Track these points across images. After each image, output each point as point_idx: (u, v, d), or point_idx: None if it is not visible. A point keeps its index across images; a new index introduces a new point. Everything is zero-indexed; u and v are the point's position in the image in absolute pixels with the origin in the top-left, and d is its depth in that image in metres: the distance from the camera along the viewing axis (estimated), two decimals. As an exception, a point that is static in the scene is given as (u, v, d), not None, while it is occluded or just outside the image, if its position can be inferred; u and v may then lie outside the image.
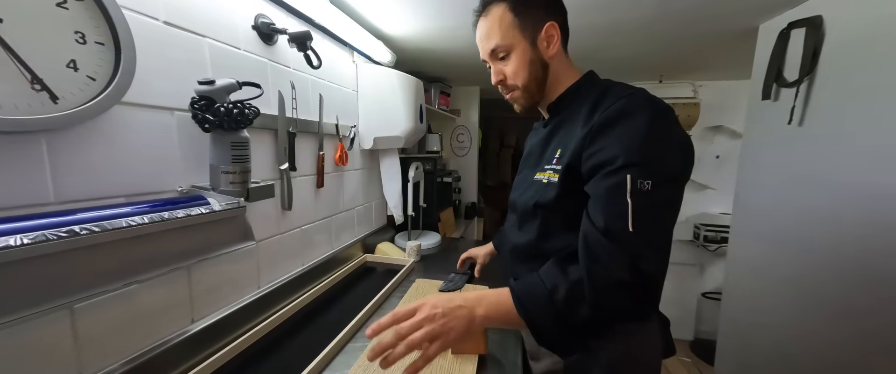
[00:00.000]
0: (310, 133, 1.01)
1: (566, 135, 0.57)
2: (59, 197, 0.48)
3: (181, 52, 0.64)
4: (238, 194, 0.66)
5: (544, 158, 0.60)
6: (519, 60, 0.59)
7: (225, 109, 0.61)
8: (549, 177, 0.57)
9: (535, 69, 0.59)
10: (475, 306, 0.50)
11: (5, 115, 0.40)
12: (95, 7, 0.48)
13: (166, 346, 0.62)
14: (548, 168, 0.57)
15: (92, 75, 0.48)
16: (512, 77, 0.60)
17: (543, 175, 0.58)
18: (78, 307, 0.50)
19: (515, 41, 0.58)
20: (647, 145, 0.46)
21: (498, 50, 0.59)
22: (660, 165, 0.46)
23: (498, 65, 0.61)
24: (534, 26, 0.57)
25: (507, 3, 0.57)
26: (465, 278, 1.08)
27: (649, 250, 0.45)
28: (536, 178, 0.60)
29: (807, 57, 0.99)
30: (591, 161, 0.49)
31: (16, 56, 0.41)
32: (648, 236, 0.45)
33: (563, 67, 0.61)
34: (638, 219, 0.44)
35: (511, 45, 0.58)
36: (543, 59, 0.59)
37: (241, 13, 0.77)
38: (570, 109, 0.59)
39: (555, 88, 0.62)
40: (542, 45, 0.58)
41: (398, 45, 1.43)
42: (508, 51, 0.59)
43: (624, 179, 0.45)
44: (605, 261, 0.46)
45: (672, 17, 1.16)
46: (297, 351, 0.74)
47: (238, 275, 0.80)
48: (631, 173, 0.45)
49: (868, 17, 0.86)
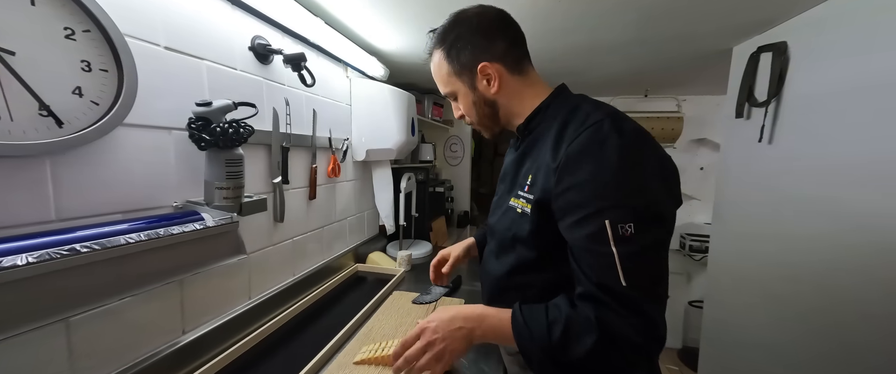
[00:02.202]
0: (303, 147, 1.04)
1: (536, 159, 0.55)
2: (60, 215, 0.50)
3: (180, 75, 0.67)
4: (231, 209, 0.69)
5: (517, 182, 0.59)
6: (464, 103, 0.62)
7: (221, 128, 0.65)
8: (522, 206, 0.55)
9: (481, 108, 0.60)
10: (474, 327, 0.52)
11: (14, 140, 0.43)
12: (101, 37, 0.51)
13: (157, 357, 0.64)
14: (521, 195, 0.56)
15: (95, 100, 0.51)
16: (466, 115, 0.64)
17: (517, 202, 0.57)
18: (73, 321, 0.52)
19: (456, 86, 0.61)
20: (622, 182, 0.43)
21: (448, 95, 0.64)
22: (639, 203, 0.42)
23: (455, 104, 0.65)
24: (470, 70, 0.58)
25: (442, 50, 0.59)
26: (443, 291, 1.11)
27: (647, 299, 0.43)
28: (511, 204, 0.59)
29: (774, 79, 1.06)
30: (561, 201, 0.47)
31: (26, 86, 0.44)
32: (642, 283, 0.42)
33: (520, 93, 0.59)
34: (628, 271, 0.41)
35: (454, 90, 0.62)
36: (486, 97, 0.59)
37: (239, 36, 0.81)
38: (541, 127, 0.58)
39: (519, 111, 0.60)
40: (481, 85, 0.58)
41: (391, 59, 1.48)
42: (455, 95, 0.62)
43: (603, 226, 0.42)
44: (612, 314, 0.43)
45: (650, 38, 1.23)
46: (286, 361, 0.76)
47: (229, 287, 0.82)
48: (609, 218, 0.41)
49: (828, 43, 0.92)
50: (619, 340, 0.43)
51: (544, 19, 1.07)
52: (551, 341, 0.45)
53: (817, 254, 0.94)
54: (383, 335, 0.86)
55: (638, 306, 0.42)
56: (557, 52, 1.37)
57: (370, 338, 0.84)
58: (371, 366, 0.73)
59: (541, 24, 1.11)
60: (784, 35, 1.06)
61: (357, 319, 0.90)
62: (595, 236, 0.43)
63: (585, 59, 1.47)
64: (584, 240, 0.44)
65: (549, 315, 0.47)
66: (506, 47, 0.57)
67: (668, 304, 0.47)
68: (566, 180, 0.46)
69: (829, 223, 0.91)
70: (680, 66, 1.58)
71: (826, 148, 0.92)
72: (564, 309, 0.47)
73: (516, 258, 0.58)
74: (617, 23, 1.09)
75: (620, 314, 0.43)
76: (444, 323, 0.52)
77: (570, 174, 0.46)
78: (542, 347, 0.46)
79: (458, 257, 0.85)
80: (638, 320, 0.42)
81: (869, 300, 0.81)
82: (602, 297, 0.44)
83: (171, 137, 0.66)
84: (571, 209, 0.46)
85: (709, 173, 2.26)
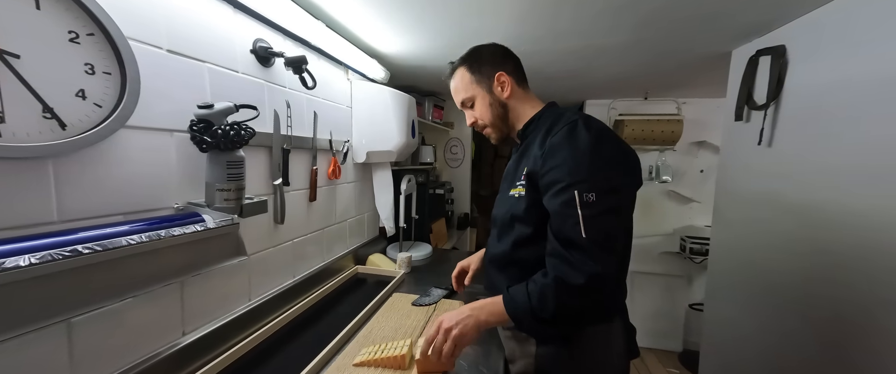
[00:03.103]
0: (304, 149, 1.05)
1: (529, 157, 0.69)
2: (62, 216, 0.51)
3: (182, 77, 0.68)
4: (232, 211, 0.69)
5: (516, 177, 0.73)
6: (482, 105, 0.77)
7: (222, 130, 0.65)
8: (519, 192, 0.70)
9: (496, 109, 0.76)
10: (479, 313, 0.65)
11: (18, 142, 0.44)
12: (105, 41, 0.52)
13: (157, 359, 0.64)
14: (518, 184, 0.70)
15: (98, 103, 0.52)
16: (480, 118, 0.78)
17: (515, 190, 0.71)
18: (74, 321, 0.52)
19: (476, 92, 0.76)
20: (588, 164, 0.59)
21: (466, 101, 0.79)
22: (600, 179, 0.58)
23: (469, 112, 0.80)
24: (488, 78, 0.75)
25: (465, 66, 0.77)
26: (442, 293, 1.11)
27: (601, 252, 0.56)
28: (510, 193, 0.73)
29: (773, 83, 1.06)
30: (545, 179, 0.62)
31: (30, 88, 0.45)
32: (598, 239, 0.56)
33: (523, 102, 0.77)
34: (588, 226, 0.56)
35: (473, 96, 0.77)
36: (500, 100, 0.76)
37: (241, 39, 0.82)
38: (534, 134, 0.72)
39: (520, 120, 0.77)
40: (496, 90, 0.75)
41: (392, 62, 1.48)
42: (473, 100, 0.77)
43: (572, 195, 0.57)
44: (566, 267, 0.58)
45: (646, 42, 1.23)
46: (286, 363, 0.76)
47: (229, 288, 0.82)
48: (577, 189, 0.57)
49: (826, 47, 0.93)
50: (569, 285, 0.57)
51: (545, 23, 1.08)
52: (531, 305, 0.60)
53: (818, 256, 0.94)
54: (383, 337, 0.86)
55: (591, 250, 0.56)
56: (557, 54, 1.37)
57: (370, 340, 0.84)
58: (371, 368, 0.73)
59: (542, 29, 1.12)
60: (783, 38, 1.06)
61: (357, 321, 0.90)
62: (567, 202, 0.58)
63: (585, 61, 1.47)
64: (560, 206, 0.59)
65: (528, 288, 0.62)
66: (513, 67, 0.77)
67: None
68: (548, 163, 0.62)
69: (829, 226, 0.91)
70: (679, 68, 1.58)
71: (825, 151, 0.92)
72: (539, 280, 0.61)
73: (516, 235, 0.71)
74: (616, 25, 1.09)
75: (576, 262, 0.57)
76: (456, 314, 0.65)
77: (551, 158, 0.62)
78: (526, 312, 0.61)
79: (477, 270, 1.00)
80: (590, 263, 0.56)
81: (870, 303, 0.81)
82: (562, 251, 0.58)
83: (172, 139, 0.66)
84: (552, 184, 0.61)
85: (709, 176, 2.26)
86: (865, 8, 0.83)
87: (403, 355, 0.72)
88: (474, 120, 0.79)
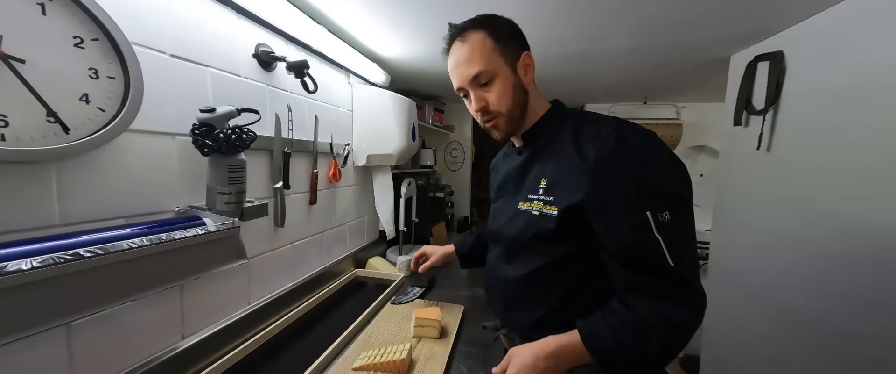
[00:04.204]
0: (304, 152, 1.05)
1: (550, 165, 0.59)
2: (64, 220, 0.51)
3: (185, 81, 0.68)
4: (233, 214, 0.70)
5: (525, 187, 0.62)
6: (503, 85, 0.58)
7: (224, 134, 0.66)
8: (539, 208, 0.58)
9: (518, 95, 0.60)
10: (556, 362, 0.54)
11: (21, 146, 0.44)
12: (109, 46, 0.52)
13: (156, 362, 0.64)
14: (534, 198, 0.59)
15: (102, 107, 0.52)
16: (495, 103, 0.59)
17: (530, 205, 0.59)
18: (74, 325, 0.52)
19: (498, 66, 0.58)
20: (654, 178, 0.49)
21: (481, 75, 0.58)
22: (669, 192, 0.49)
23: (479, 92, 0.60)
24: (513, 54, 0.59)
25: (486, 31, 0.58)
26: (419, 291, 1.13)
27: (694, 278, 0.49)
28: (522, 208, 0.61)
29: (771, 88, 1.07)
30: (598, 199, 0.51)
31: (35, 93, 0.45)
32: (686, 261, 0.48)
33: (536, 97, 0.64)
34: (672, 251, 0.47)
35: (494, 70, 0.58)
36: (523, 85, 0.60)
37: (243, 43, 0.82)
38: (545, 138, 0.62)
39: (533, 112, 0.63)
40: (521, 71, 0.60)
41: (393, 66, 1.49)
42: (492, 77, 0.58)
43: (645, 218, 0.48)
44: (663, 303, 0.48)
45: (646, 47, 1.24)
46: (285, 366, 0.75)
47: (229, 291, 0.82)
48: (649, 209, 0.48)
49: (824, 53, 0.94)
50: (674, 323, 0.48)
51: (544, 27, 1.09)
52: (625, 346, 0.49)
53: (817, 260, 0.94)
54: (382, 341, 0.86)
55: (687, 280, 0.49)
56: (557, 58, 1.38)
57: (369, 344, 0.84)
58: (370, 372, 0.73)
59: (541, 33, 1.12)
60: (781, 45, 1.07)
61: (356, 324, 0.90)
62: (640, 226, 0.48)
63: (585, 65, 1.48)
64: (629, 231, 0.49)
65: (609, 323, 0.51)
66: None
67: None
68: (601, 180, 0.51)
69: (828, 230, 0.91)
70: (679, 73, 1.59)
71: (824, 155, 0.93)
72: (622, 313, 0.51)
73: (541, 260, 0.60)
74: (615, 31, 1.10)
75: (671, 294, 0.48)
76: (530, 369, 0.54)
77: (604, 174, 0.51)
78: (621, 355, 0.50)
79: (437, 261, 0.98)
80: (688, 294, 0.49)
81: (876, 308, 0.81)
82: (650, 283, 0.49)
83: (174, 143, 0.67)
84: (610, 205, 0.51)
85: (708, 180, 2.27)
86: (862, 14, 0.84)
87: (403, 359, 0.72)
88: (484, 104, 0.60)
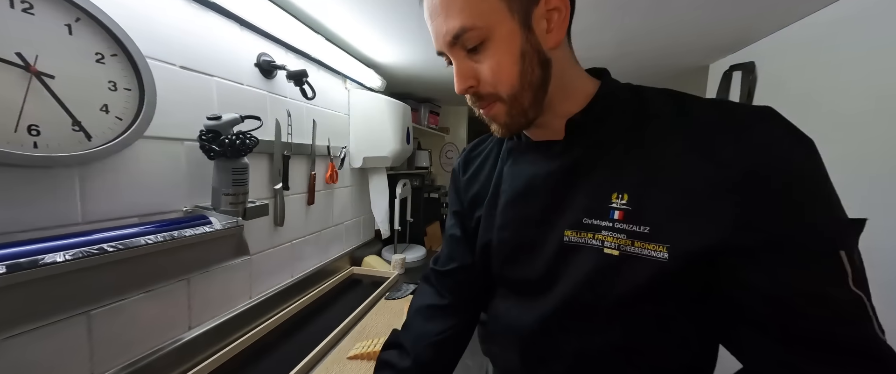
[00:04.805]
0: (303, 155, 1.11)
1: (630, 173, 0.36)
2: (86, 218, 0.56)
3: (193, 90, 0.74)
4: (236, 214, 0.75)
5: (575, 205, 0.38)
6: (503, 51, 0.35)
7: (229, 140, 0.71)
8: (619, 244, 0.35)
9: (531, 67, 0.35)
10: None
11: (50, 152, 0.49)
12: (126, 60, 0.58)
13: (166, 350, 0.70)
14: (603, 227, 0.36)
15: (120, 116, 0.57)
16: (490, 81, 0.36)
17: (591, 237, 0.36)
18: (94, 313, 0.57)
19: (495, 20, 0.34)
20: (834, 198, 0.31)
21: (466, 35, 0.35)
22: (849, 219, 0.31)
23: (465, 62, 0.37)
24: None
25: None
26: (412, 288, 1.20)
27: None
28: (572, 240, 0.38)
29: (743, 97, 1.14)
30: (763, 233, 0.30)
31: (62, 105, 0.50)
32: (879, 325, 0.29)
33: (571, 63, 0.39)
34: (874, 312, 0.29)
35: (488, 26, 0.34)
36: (542, 50, 0.35)
37: (246, 53, 0.88)
38: (605, 131, 0.38)
39: (568, 96, 0.39)
40: (539, 26, 0.35)
41: (389, 71, 1.55)
42: (484, 37, 0.35)
43: (839, 263, 0.29)
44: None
45: (631, 56, 1.31)
46: (285, 356, 0.81)
47: (232, 286, 0.87)
48: (844, 250, 0.29)
49: (790, 66, 1.00)
50: None
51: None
52: None
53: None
54: (376, 333, 0.92)
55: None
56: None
57: (364, 335, 0.90)
58: (364, 361, 0.78)
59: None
60: (752, 55, 1.14)
61: (352, 318, 0.95)
62: (831, 278, 0.29)
63: (573, 73, 1.55)
64: (813, 283, 0.29)
65: None
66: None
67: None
68: (769, 203, 0.30)
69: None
70: (664, 80, 1.66)
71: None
72: None
73: (619, 325, 0.37)
74: (600, 42, 1.17)
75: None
76: None
77: (774, 193, 0.30)
78: None
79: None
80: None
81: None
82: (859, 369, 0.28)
83: (183, 148, 0.72)
84: (784, 246, 0.30)
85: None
86: (828, 28, 0.91)
87: (394, 348, 0.77)
88: (472, 83, 0.37)
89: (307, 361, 0.75)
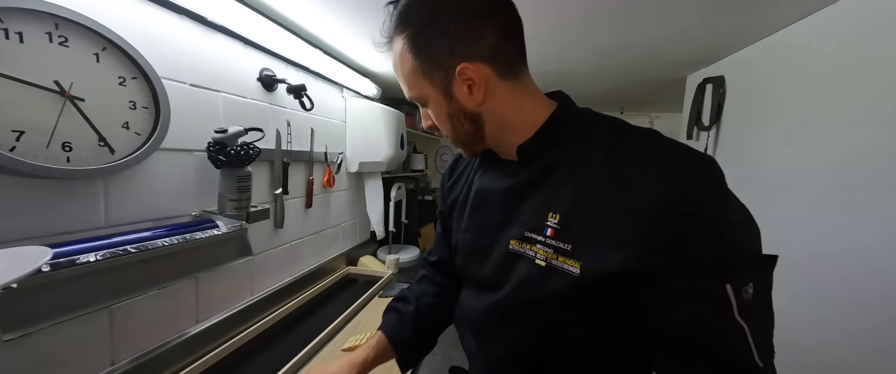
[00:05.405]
0: (302, 161, 1.18)
1: (565, 196, 0.40)
2: (108, 223, 0.63)
3: (201, 106, 0.81)
4: (240, 218, 0.82)
5: (520, 219, 0.43)
6: (437, 113, 0.44)
7: (234, 150, 0.78)
8: (547, 257, 0.39)
9: (459, 123, 0.43)
10: None
11: (80, 165, 0.56)
12: (145, 82, 0.65)
13: (176, 342, 0.77)
14: (538, 241, 0.41)
15: (138, 132, 0.65)
16: (440, 127, 0.46)
17: (528, 248, 0.42)
18: (114, 308, 0.65)
19: (424, 91, 0.43)
20: (734, 231, 0.33)
21: (414, 99, 0.46)
22: (751, 251, 0.33)
23: (424, 110, 0.47)
24: (444, 71, 0.40)
25: (406, 39, 0.41)
26: (405, 287, 1.24)
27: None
28: (514, 249, 0.43)
29: (714, 108, 1.22)
30: (655, 261, 0.33)
31: (91, 124, 0.57)
32: (770, 358, 0.32)
33: (519, 100, 0.43)
34: (758, 342, 0.31)
35: (423, 95, 0.44)
36: (467, 109, 0.42)
37: (249, 69, 0.95)
38: (560, 150, 0.42)
39: (516, 125, 0.43)
40: (461, 92, 0.41)
41: (384, 79, 1.62)
42: (423, 101, 0.45)
43: (723, 295, 0.31)
44: None
45: (612, 68, 1.39)
46: (284, 349, 0.88)
47: (235, 284, 0.94)
48: (730, 283, 0.31)
49: (755, 82, 1.08)
50: None
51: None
52: None
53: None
54: (370, 328, 0.99)
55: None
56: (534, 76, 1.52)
57: (358, 330, 0.97)
58: (357, 353, 0.86)
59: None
60: (723, 70, 1.22)
61: (347, 313, 1.02)
62: (717, 306, 0.31)
63: (558, 86, 1.63)
64: (699, 311, 0.32)
65: None
66: (497, 42, 0.40)
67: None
68: (664, 233, 0.33)
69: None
70: (646, 90, 1.74)
71: (752, 172, 1.07)
72: None
73: (558, 322, 0.41)
74: (582, 55, 1.24)
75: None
76: None
77: (669, 224, 0.33)
78: None
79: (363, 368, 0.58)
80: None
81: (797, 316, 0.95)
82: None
83: (191, 158, 0.79)
84: (671, 274, 0.33)
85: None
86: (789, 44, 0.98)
87: (385, 341, 0.85)
88: (432, 123, 0.48)
89: (305, 352, 0.82)
